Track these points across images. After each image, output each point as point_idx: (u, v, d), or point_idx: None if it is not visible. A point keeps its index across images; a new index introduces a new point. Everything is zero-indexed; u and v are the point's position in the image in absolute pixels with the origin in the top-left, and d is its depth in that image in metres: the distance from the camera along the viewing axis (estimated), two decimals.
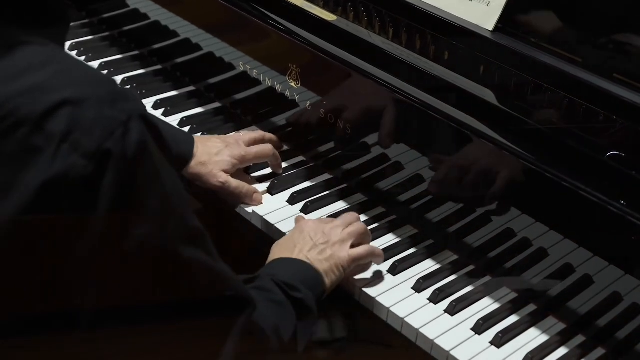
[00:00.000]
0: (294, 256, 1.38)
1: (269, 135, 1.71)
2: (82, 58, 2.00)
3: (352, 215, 1.49)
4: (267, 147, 1.65)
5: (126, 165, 0.90)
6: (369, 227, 1.53)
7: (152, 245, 0.96)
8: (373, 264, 1.46)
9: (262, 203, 1.59)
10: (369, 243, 1.46)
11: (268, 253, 1.43)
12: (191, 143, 1.59)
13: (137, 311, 1.01)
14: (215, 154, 1.59)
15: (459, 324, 1.37)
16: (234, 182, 1.58)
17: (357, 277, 1.44)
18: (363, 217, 1.57)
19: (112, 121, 0.90)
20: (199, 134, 1.75)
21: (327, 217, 1.54)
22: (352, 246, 1.42)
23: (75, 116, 0.88)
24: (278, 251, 1.41)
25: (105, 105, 0.90)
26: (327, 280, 1.38)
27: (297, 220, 1.50)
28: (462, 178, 1.47)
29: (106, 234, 0.92)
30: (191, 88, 1.95)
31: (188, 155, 1.57)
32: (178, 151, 1.55)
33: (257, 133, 1.70)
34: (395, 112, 1.54)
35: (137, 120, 0.92)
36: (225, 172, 1.58)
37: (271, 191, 1.62)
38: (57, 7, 1.00)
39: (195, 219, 1.02)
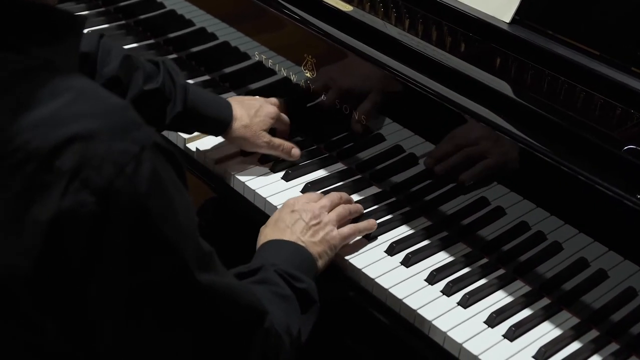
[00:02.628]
0: (286, 238, 1.39)
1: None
2: None
3: (337, 194, 1.51)
4: (287, 117, 1.72)
5: (138, 200, 0.88)
6: (384, 219, 1.54)
7: (171, 277, 0.94)
8: (387, 255, 1.46)
9: (300, 157, 1.66)
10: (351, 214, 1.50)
11: None
12: (229, 107, 1.63)
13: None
14: (254, 115, 1.64)
15: (472, 317, 1.36)
16: (277, 140, 1.65)
17: (369, 268, 1.44)
18: (375, 207, 1.57)
19: (123, 155, 0.87)
20: None
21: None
22: (339, 226, 1.45)
23: (84, 152, 0.85)
24: (270, 232, 1.42)
25: (116, 138, 0.87)
26: (320, 263, 1.39)
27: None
28: (476, 170, 1.47)
29: (121, 269, 0.89)
30: (206, 77, 1.95)
31: (229, 119, 1.62)
32: (219, 116, 1.62)
33: (274, 99, 1.75)
34: (410, 104, 1.53)
35: (150, 150, 0.89)
36: (264, 130, 1.64)
37: (286, 179, 1.63)
38: (63, 18, 0.96)
39: (202, 239, 1.00)
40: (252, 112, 1.64)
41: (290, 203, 1.47)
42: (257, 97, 1.73)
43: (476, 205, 1.50)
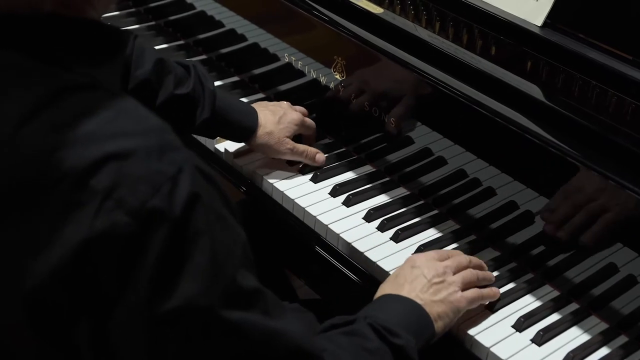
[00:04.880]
0: (404, 294, 1.29)
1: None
2: None
3: (465, 257, 1.41)
4: (313, 122, 1.72)
5: (173, 223, 0.85)
6: (411, 222, 1.54)
7: (195, 308, 0.88)
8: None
9: (324, 162, 1.66)
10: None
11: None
12: (254, 114, 1.64)
13: None
14: (278, 122, 1.64)
15: (500, 321, 1.36)
16: (300, 146, 1.65)
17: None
18: (404, 210, 1.56)
19: (159, 176, 0.85)
20: None
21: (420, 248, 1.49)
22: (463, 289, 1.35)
23: (120, 172, 0.84)
24: (387, 287, 1.33)
25: (152, 158, 0.85)
26: (439, 324, 1.28)
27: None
28: (506, 176, 1.47)
29: (146, 294, 0.86)
30: (235, 78, 1.96)
31: (254, 126, 1.63)
32: (245, 123, 1.63)
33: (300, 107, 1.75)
34: (440, 107, 1.53)
35: (188, 172, 0.87)
36: (288, 137, 1.64)
37: (314, 180, 1.64)
38: (111, 36, 0.95)
39: (250, 278, 0.94)
40: (275, 118, 1.64)
41: (412, 259, 1.37)
42: (283, 102, 1.72)
43: (505, 210, 1.49)
